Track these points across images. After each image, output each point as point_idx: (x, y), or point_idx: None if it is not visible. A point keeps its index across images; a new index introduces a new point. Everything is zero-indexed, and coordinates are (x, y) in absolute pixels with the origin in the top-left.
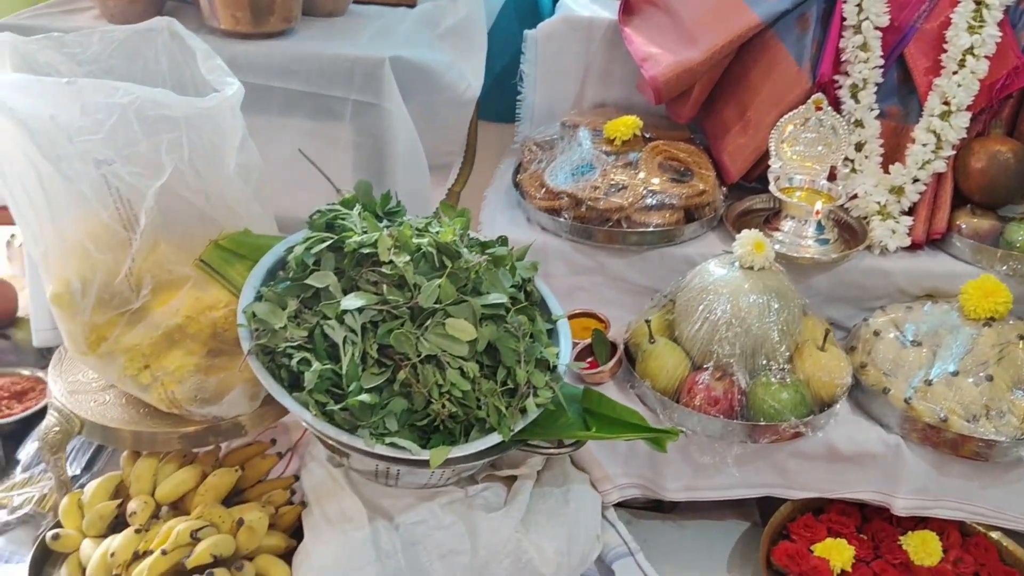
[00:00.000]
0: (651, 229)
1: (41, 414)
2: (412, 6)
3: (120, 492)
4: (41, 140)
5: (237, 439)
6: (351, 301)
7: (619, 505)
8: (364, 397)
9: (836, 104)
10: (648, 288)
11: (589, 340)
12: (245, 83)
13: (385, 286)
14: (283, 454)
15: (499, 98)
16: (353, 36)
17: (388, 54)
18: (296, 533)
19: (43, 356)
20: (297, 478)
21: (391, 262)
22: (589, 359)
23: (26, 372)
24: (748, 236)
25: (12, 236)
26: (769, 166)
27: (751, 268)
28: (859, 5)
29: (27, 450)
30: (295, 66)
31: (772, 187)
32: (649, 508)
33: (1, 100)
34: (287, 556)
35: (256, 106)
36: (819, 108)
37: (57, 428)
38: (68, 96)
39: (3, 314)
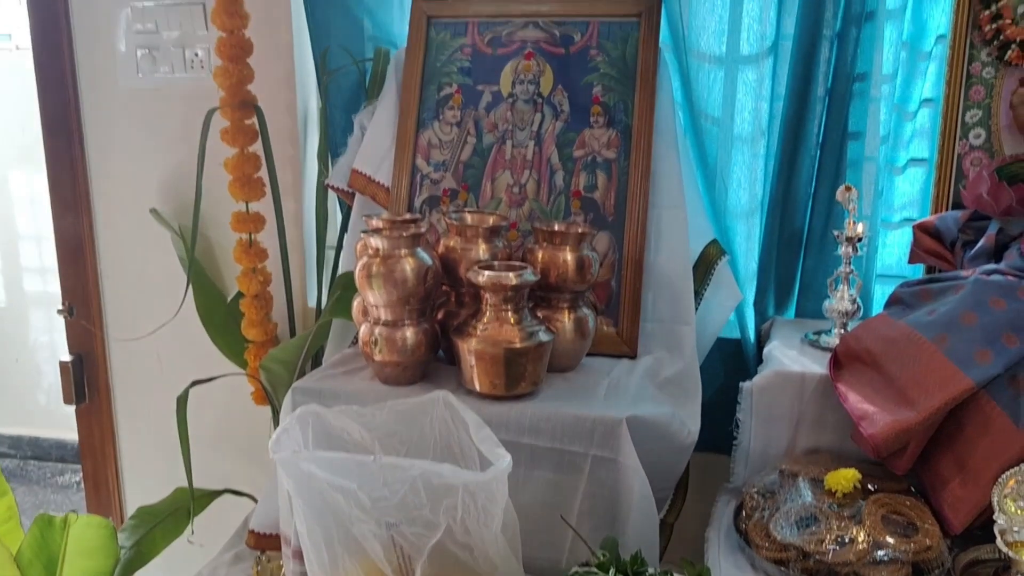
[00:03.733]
0: None
1: None
2: (633, 357)
3: None
4: (341, 506)
5: None
6: None
7: None
8: None
9: None
10: None
11: None
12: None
13: None
14: None
15: (706, 430)
16: (590, 395)
17: (624, 414)
18: None
19: None
20: None
21: None
22: None
23: None
24: None
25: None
26: (993, 519)
27: None
28: None
29: None
30: (542, 425)
31: (999, 542)
32: None
33: (316, 474)
34: None
35: None
36: None
37: None
38: (372, 472)
39: None
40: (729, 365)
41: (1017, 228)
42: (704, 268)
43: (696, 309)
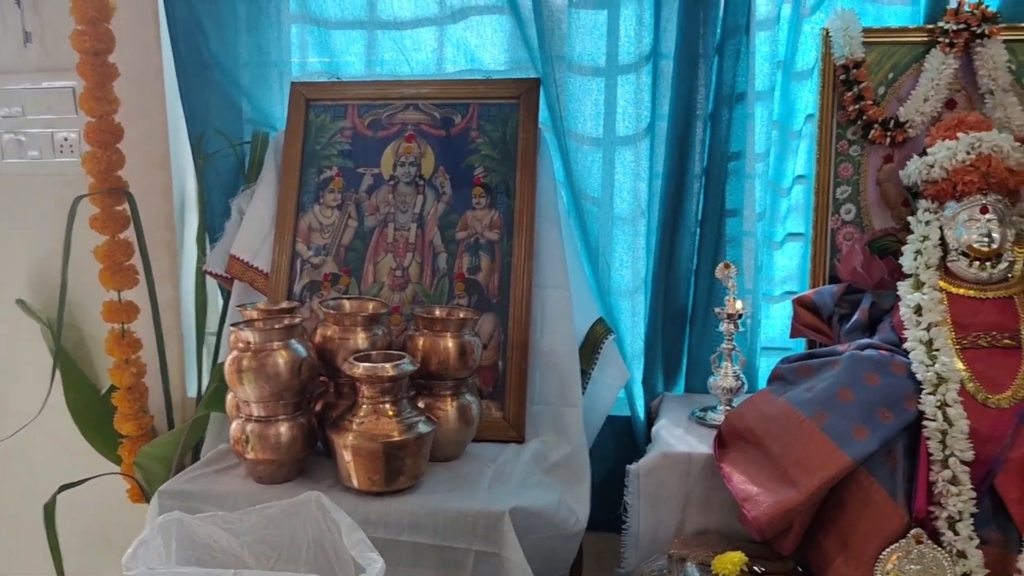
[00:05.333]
0: None
1: None
2: (521, 442)
3: None
4: None
5: None
6: None
7: None
8: None
9: (935, 535)
10: None
11: None
12: (377, 538)
13: None
14: None
15: (600, 510)
16: (474, 485)
17: (507, 506)
18: None
19: None
20: None
21: None
22: None
23: None
24: None
25: None
26: None
27: None
28: (943, 442)
29: None
30: (423, 521)
31: None
32: None
33: None
34: None
35: (386, 559)
36: (920, 542)
37: None
38: None
39: None
40: (621, 443)
41: (888, 301)
42: (591, 347)
43: (585, 389)
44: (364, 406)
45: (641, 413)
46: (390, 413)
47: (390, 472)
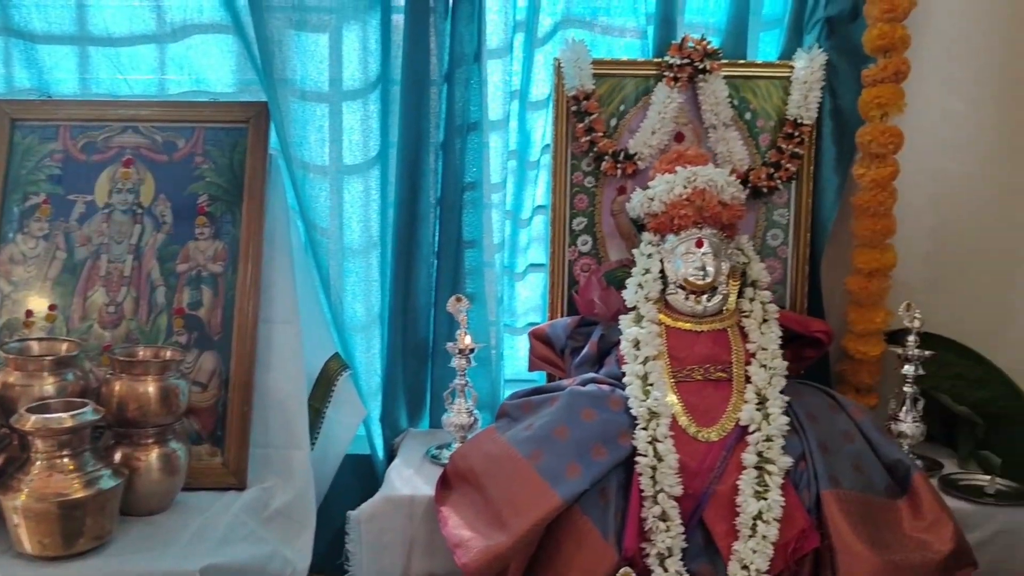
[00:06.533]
0: None
1: None
2: (242, 488)
3: None
4: None
5: None
6: None
7: None
8: None
9: (647, 572)
10: None
11: None
12: None
13: None
14: None
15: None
16: (170, 543)
17: (199, 565)
18: None
19: None
20: None
21: None
22: None
23: None
24: None
25: None
26: None
27: None
28: (653, 478)
29: None
30: None
31: None
32: None
33: None
34: None
35: None
36: None
37: None
38: None
39: None
40: (365, 483)
41: (616, 334)
42: (325, 384)
43: (319, 428)
44: (38, 462)
45: (380, 452)
46: (69, 468)
47: (67, 534)
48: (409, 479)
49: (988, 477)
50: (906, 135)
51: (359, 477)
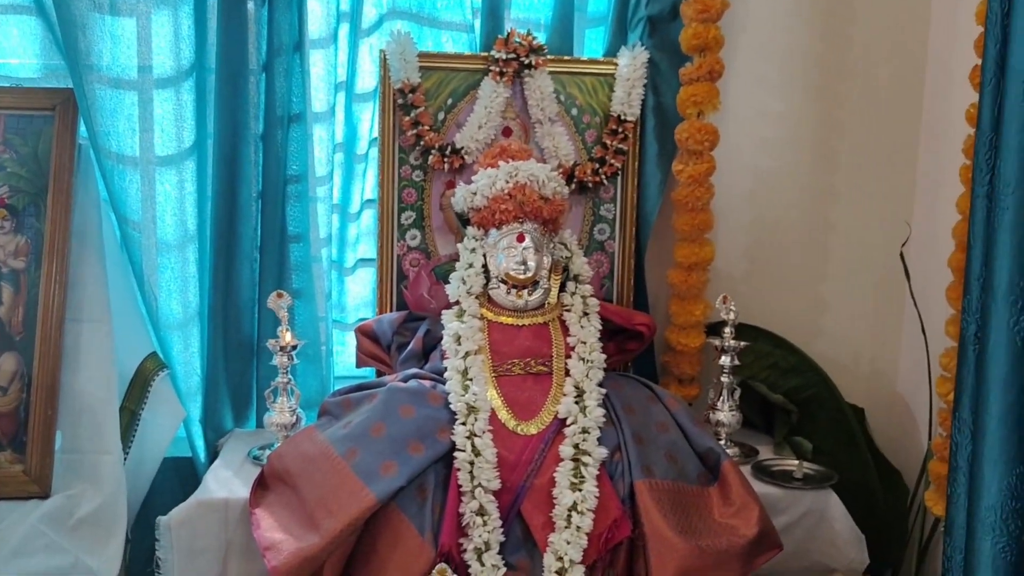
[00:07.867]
0: None
1: None
2: (45, 497)
3: None
4: None
5: None
6: None
7: None
8: None
9: (464, 567)
10: None
11: None
12: None
13: None
14: None
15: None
16: None
17: None
18: None
19: None
20: None
21: None
22: None
23: None
24: None
25: None
26: None
27: None
28: (471, 473)
29: None
30: None
31: None
32: None
33: None
34: None
35: None
36: None
37: None
38: None
39: None
40: (188, 487)
41: (441, 329)
42: (141, 385)
43: (135, 431)
44: None
45: (203, 454)
46: None
47: None
48: (227, 481)
49: (797, 462)
50: (723, 133)
51: (181, 481)
